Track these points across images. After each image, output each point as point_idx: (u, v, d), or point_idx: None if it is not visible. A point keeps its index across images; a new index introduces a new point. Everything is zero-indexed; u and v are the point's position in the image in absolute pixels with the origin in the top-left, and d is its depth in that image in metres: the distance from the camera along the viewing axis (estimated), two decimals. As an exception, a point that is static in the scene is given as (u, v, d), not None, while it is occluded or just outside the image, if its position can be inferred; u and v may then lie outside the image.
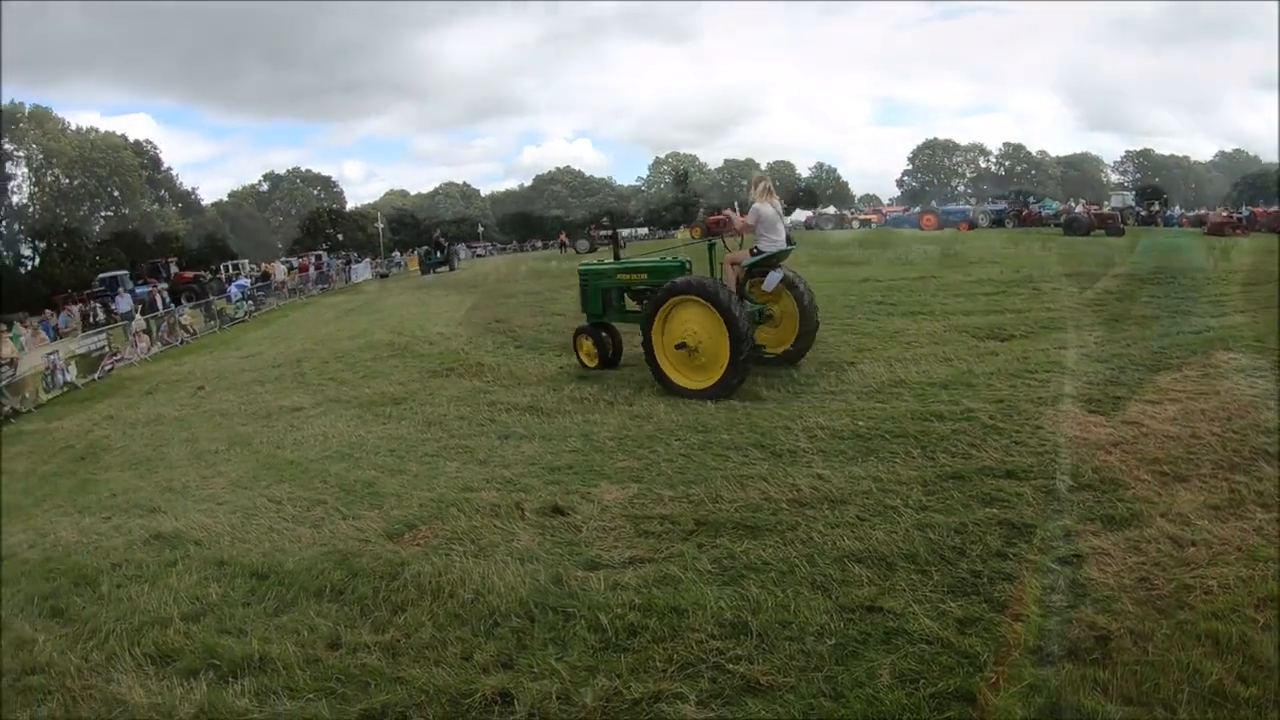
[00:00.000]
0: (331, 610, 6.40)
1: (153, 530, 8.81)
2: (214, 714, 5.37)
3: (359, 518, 8.26)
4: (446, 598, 6.31)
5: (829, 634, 5.34)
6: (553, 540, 7.21)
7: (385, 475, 9.65)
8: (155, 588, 7.28)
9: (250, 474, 10.69)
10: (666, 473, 8.59)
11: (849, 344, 14.57)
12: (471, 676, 5.33)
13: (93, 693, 5.81)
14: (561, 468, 9.11)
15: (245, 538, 8.19)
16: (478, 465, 9.58)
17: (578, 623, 5.75)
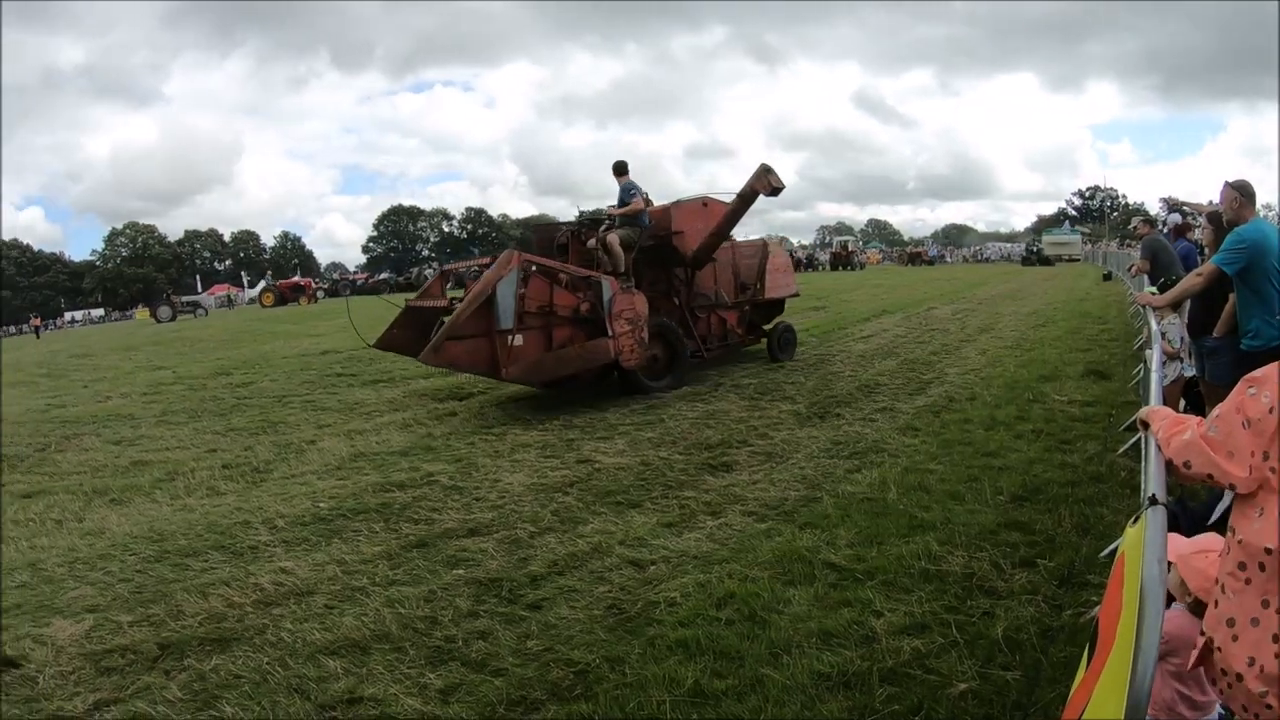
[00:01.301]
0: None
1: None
2: None
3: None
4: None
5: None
6: (8, 699, 6.23)
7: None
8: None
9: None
10: (123, 595, 7.71)
11: (310, 421, 14.16)
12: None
13: None
14: (9, 609, 7.94)
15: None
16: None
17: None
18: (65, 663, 6.56)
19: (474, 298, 12.39)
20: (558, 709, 4.73)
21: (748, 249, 17.41)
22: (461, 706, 4.94)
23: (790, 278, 17.94)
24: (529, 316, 12.80)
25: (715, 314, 16.56)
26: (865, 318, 24.53)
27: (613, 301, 13.18)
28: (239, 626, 6.59)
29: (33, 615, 7.58)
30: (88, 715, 5.75)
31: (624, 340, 13.25)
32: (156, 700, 5.69)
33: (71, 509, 10.71)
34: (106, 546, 9.06)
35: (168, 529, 9.24)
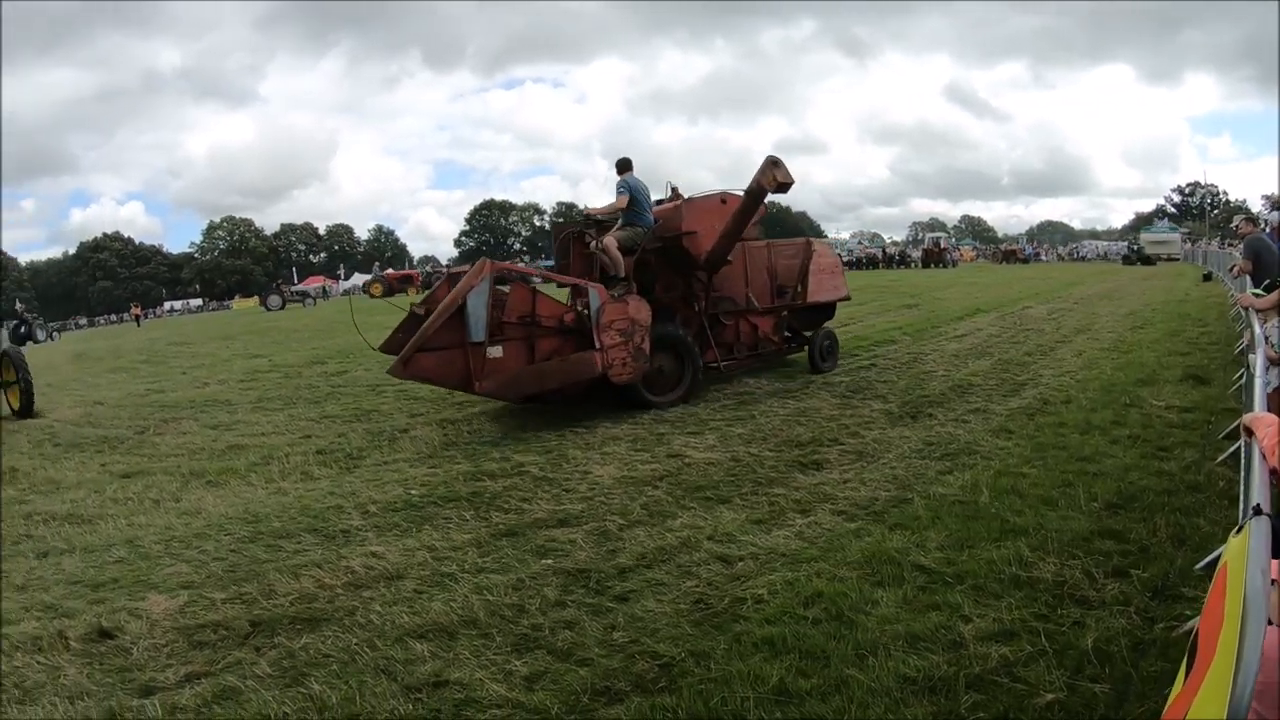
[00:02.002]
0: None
1: None
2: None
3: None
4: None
5: (399, 718, 5.01)
6: (103, 669, 6.39)
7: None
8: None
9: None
10: (217, 573, 7.90)
11: (402, 409, 14.44)
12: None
13: None
14: (106, 583, 8.14)
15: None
16: (14, 592, 8.45)
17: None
18: (159, 636, 6.70)
19: (445, 308, 11.89)
20: (641, 701, 4.73)
21: (787, 248, 16.16)
22: (546, 694, 4.96)
23: (839, 279, 16.51)
24: (510, 327, 12.21)
25: (746, 320, 15.38)
26: (958, 316, 24.15)
27: (601, 311, 12.35)
28: (329, 607, 6.70)
29: (129, 589, 7.75)
30: (179, 687, 5.86)
31: (614, 353, 12.34)
32: (246, 675, 5.78)
33: (169, 489, 10.96)
34: (202, 526, 9.25)
35: (262, 511, 9.42)
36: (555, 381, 12.47)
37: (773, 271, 15.61)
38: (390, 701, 5.18)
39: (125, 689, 5.92)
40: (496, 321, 12.02)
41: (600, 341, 12.23)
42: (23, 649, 6.89)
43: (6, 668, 6.60)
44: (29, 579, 8.60)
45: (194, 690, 5.75)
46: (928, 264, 76.95)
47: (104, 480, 12.11)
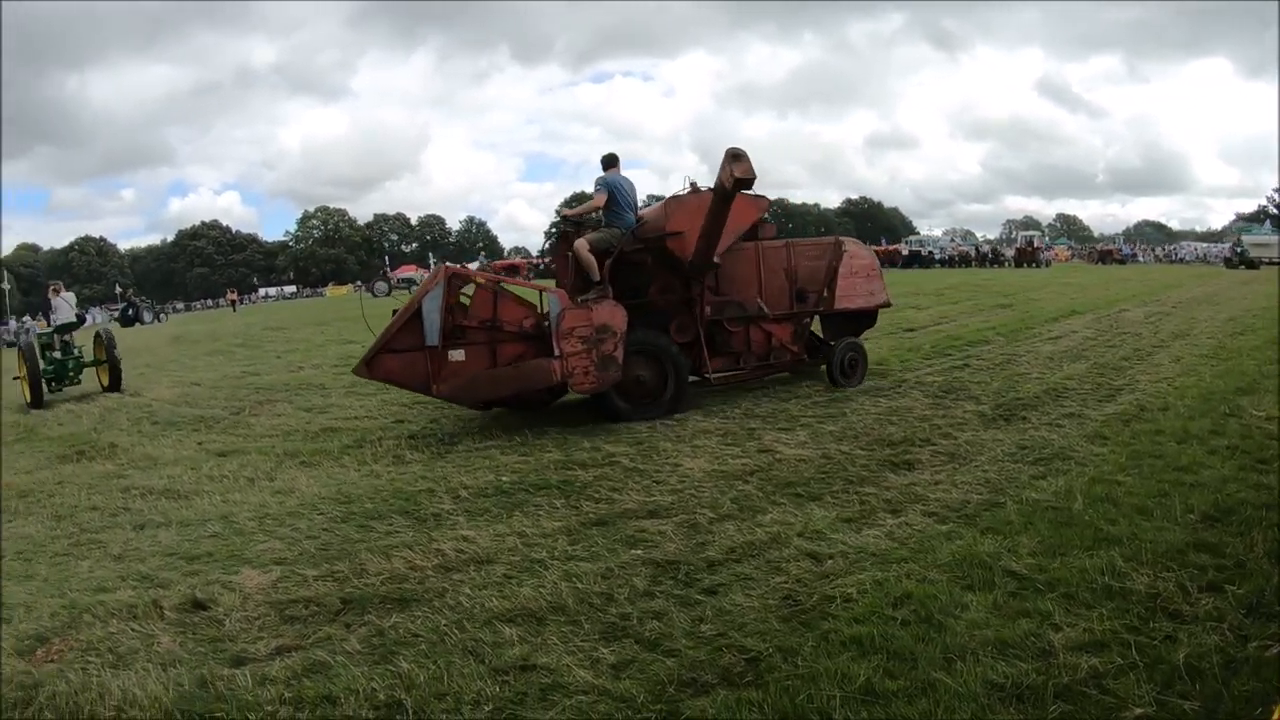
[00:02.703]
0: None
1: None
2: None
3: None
4: (87, 719, 5.70)
5: (486, 699, 5.08)
6: (195, 638, 6.57)
7: (12, 582, 8.60)
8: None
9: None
10: (310, 551, 8.11)
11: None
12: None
13: None
14: (201, 556, 8.38)
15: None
16: (112, 561, 8.71)
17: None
18: (251, 609, 6.87)
19: (404, 311, 11.90)
20: (728, 694, 4.76)
21: (811, 249, 14.72)
22: (632, 683, 5.02)
23: (876, 284, 14.80)
24: (472, 331, 12.12)
25: (758, 327, 14.04)
26: (1053, 318, 23.69)
27: (561, 317, 11.84)
28: (419, 588, 6.83)
29: (223, 563, 7.95)
30: (269, 659, 6.00)
31: (574, 361, 11.83)
32: (336, 651, 5.91)
33: (263, 468, 11.23)
34: (295, 505, 9.46)
35: (354, 492, 9.61)
36: (510, 388, 12.38)
37: (792, 274, 14.33)
38: (477, 683, 5.25)
39: (217, 659, 6.08)
40: (457, 325, 12.03)
41: (559, 349, 11.83)
42: (118, 616, 7.10)
43: (102, 633, 6.80)
44: (126, 549, 8.84)
45: (284, 663, 5.88)
46: (1021, 263, 75.54)
47: (200, 458, 12.41)
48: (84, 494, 11.45)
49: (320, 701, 5.31)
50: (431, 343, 11.76)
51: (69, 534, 9.80)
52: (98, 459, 13.54)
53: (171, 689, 5.70)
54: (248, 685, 5.62)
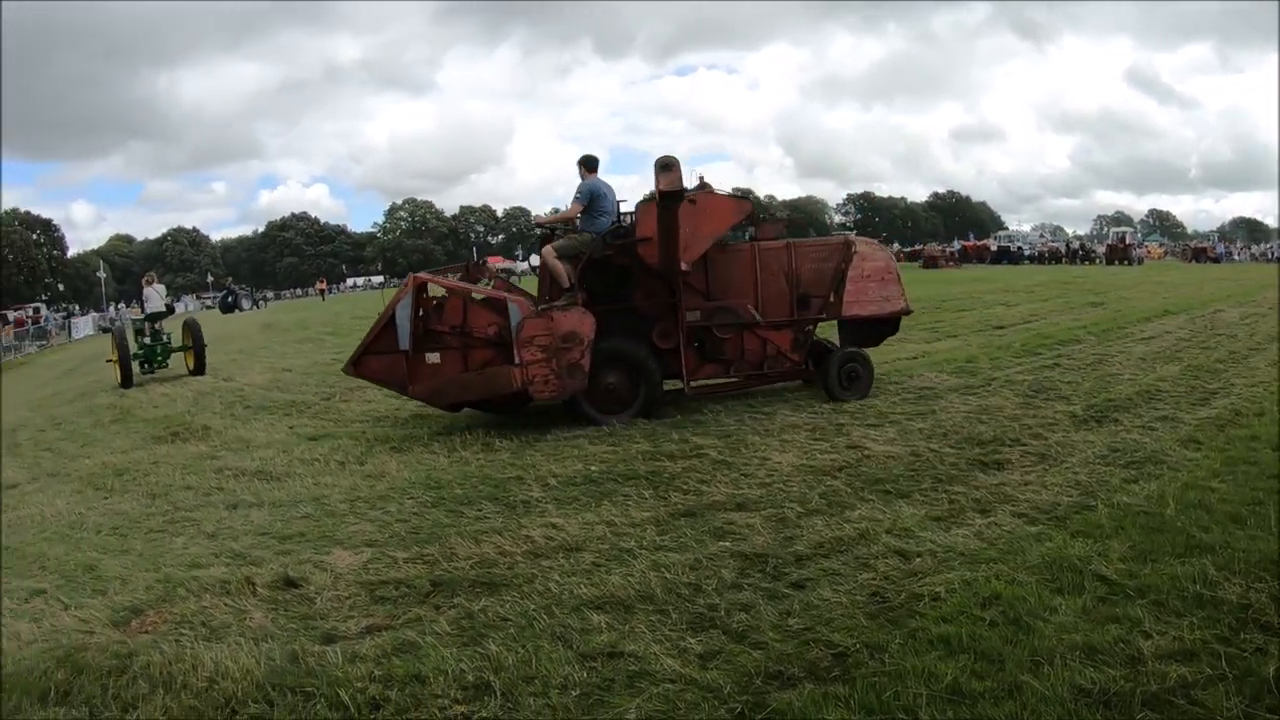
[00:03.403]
0: (58, 715, 5.79)
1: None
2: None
3: (82, 606, 7.48)
4: (179, 688, 5.79)
5: (573, 684, 5.17)
6: (287, 615, 6.77)
7: (108, 556, 8.87)
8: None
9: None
10: (400, 534, 8.30)
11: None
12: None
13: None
14: (293, 536, 8.64)
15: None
16: (205, 539, 8.97)
17: (318, 702, 5.37)
18: (342, 589, 7.04)
19: (381, 317, 12.43)
20: (814, 688, 4.80)
21: (816, 250, 13.74)
22: (719, 673, 5.07)
23: (891, 289, 13.63)
24: (446, 336, 12.51)
25: (753, 335, 13.29)
26: (1146, 317, 23.15)
27: (521, 326, 11.91)
28: (508, 573, 6.94)
29: (315, 543, 8.15)
30: (359, 637, 6.14)
31: (534, 369, 11.85)
32: (426, 632, 6.04)
33: (354, 453, 11.48)
34: (386, 489, 9.67)
35: (444, 478, 9.80)
36: (475, 393, 12.60)
37: (793, 278, 13.39)
38: (565, 668, 5.35)
39: (308, 635, 6.25)
40: (431, 330, 12.42)
41: (519, 357, 11.91)
42: (211, 591, 7.32)
43: (195, 607, 7.02)
44: (219, 527, 9.10)
45: (374, 642, 6.02)
46: (1112, 260, 73.74)
47: (291, 441, 12.71)
48: (178, 474, 11.78)
49: (410, 680, 5.44)
50: (403, 347, 12.22)
51: (163, 511, 10.09)
52: (192, 440, 13.92)
53: (263, 663, 5.87)
54: (338, 662, 5.77)
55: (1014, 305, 24.62)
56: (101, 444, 15.17)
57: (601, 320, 12.13)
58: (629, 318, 12.77)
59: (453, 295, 12.68)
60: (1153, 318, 23.09)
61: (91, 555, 8.89)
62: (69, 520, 10.43)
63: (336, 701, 5.32)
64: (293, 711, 5.32)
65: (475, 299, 12.68)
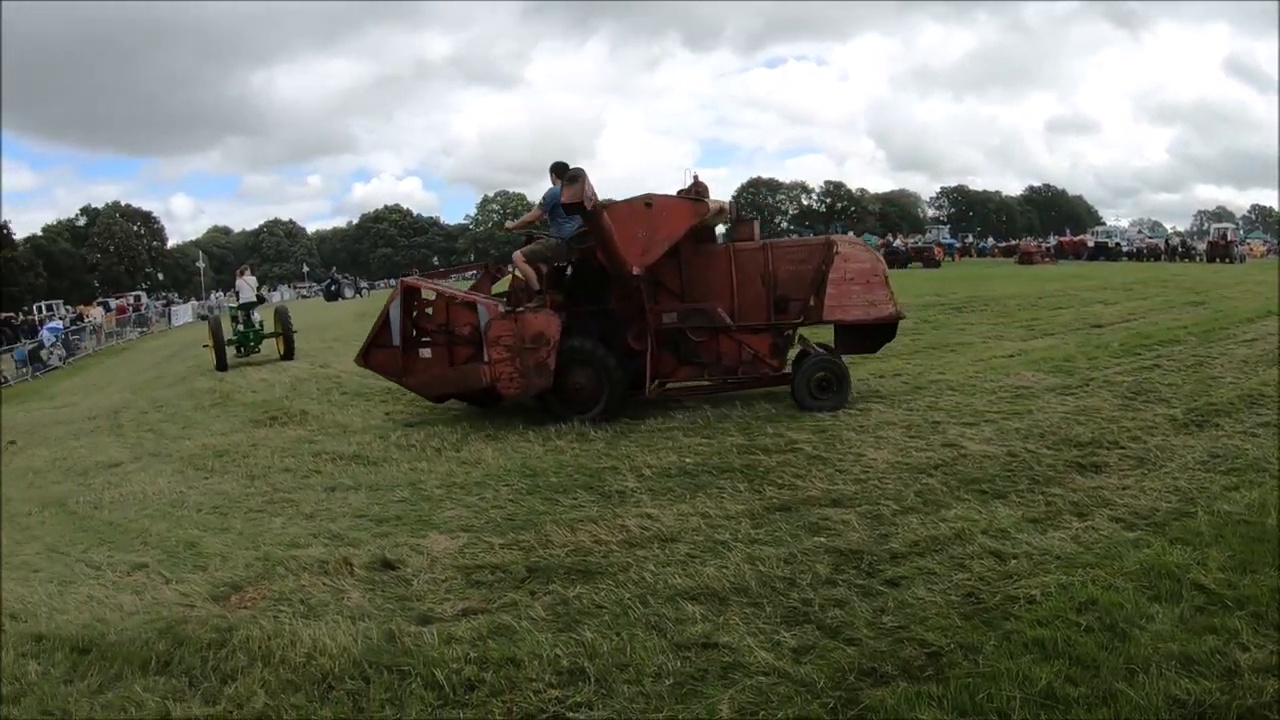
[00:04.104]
0: (159, 684, 6.00)
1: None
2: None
3: (183, 581, 7.82)
4: (278, 663, 6.00)
5: (667, 674, 5.26)
6: (384, 595, 6.98)
7: (209, 534, 9.20)
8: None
9: (66, 538, 10.05)
10: (496, 520, 8.47)
11: (676, 380, 14.51)
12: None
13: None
14: (390, 519, 8.88)
15: (64, 608, 7.63)
16: (304, 520, 9.25)
17: (414, 681, 5.53)
18: (438, 572, 7.22)
19: (381, 315, 13.62)
20: (907, 686, 4.83)
21: (795, 251, 13.31)
22: (813, 668, 5.13)
23: (879, 293, 12.82)
24: (434, 334, 13.48)
25: (729, 338, 13.08)
26: (1248, 318, 22.31)
27: (488, 326, 12.57)
28: (604, 562, 7.07)
29: (411, 527, 8.36)
30: (455, 620, 6.29)
31: (500, 367, 12.45)
32: (521, 616, 6.17)
33: (450, 440, 11.74)
34: (482, 475, 9.87)
35: (540, 466, 9.97)
36: (454, 387, 13.56)
37: (769, 280, 13.00)
38: (659, 656, 5.44)
39: (404, 616, 6.45)
40: (421, 329, 13.63)
41: (488, 355, 12.52)
42: (309, 570, 7.57)
43: (293, 585, 7.28)
44: (317, 509, 9.38)
45: (470, 624, 6.18)
46: (1213, 258, 71.29)
47: (388, 427, 13.04)
48: (277, 456, 12.15)
49: (504, 663, 5.58)
50: (395, 344, 13.39)
51: (262, 492, 10.43)
52: (290, 425, 14.38)
53: (360, 641, 6.08)
54: (434, 643, 5.94)
55: (1112, 304, 24.09)
56: (202, 426, 15.68)
57: (578, 322, 12.88)
58: (603, 320, 13.16)
59: (439, 298, 13.61)
60: (1256, 319, 22.41)
61: (192, 532, 9.24)
62: (170, 498, 10.82)
63: (432, 681, 5.47)
64: (388, 689, 5.49)
65: (455, 301, 13.47)
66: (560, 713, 5.05)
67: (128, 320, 54.71)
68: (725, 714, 4.81)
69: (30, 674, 6.43)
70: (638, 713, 4.95)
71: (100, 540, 9.64)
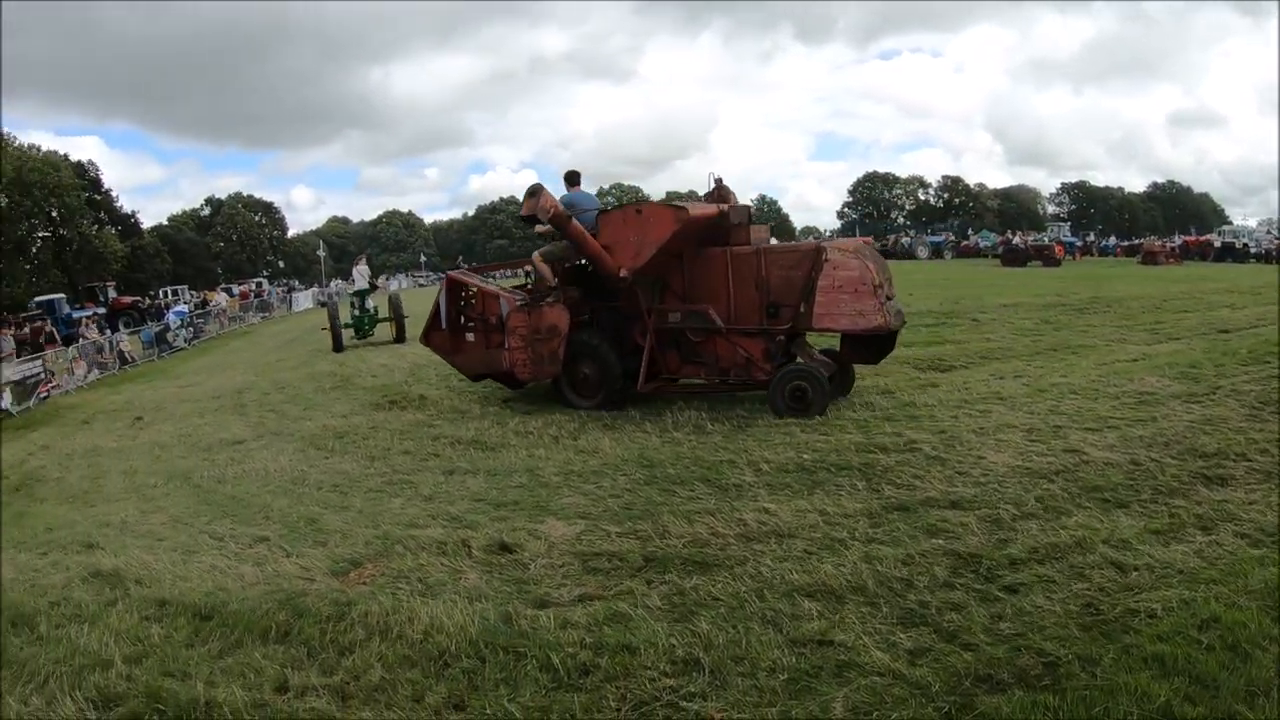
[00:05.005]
0: (278, 652, 6.27)
1: (92, 567, 8.60)
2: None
3: (303, 556, 8.14)
4: (395, 638, 6.20)
5: (781, 669, 5.33)
6: (501, 578, 7.16)
7: (329, 511, 9.55)
8: (95, 628, 7.07)
9: (191, 509, 10.53)
10: (613, 508, 8.62)
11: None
12: (423, 719, 5.27)
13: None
14: (508, 504, 9.08)
15: (187, 576, 8.00)
16: (423, 501, 9.52)
17: (529, 662, 5.67)
18: (555, 557, 7.38)
19: (434, 304, 15.54)
20: (1023, 695, 4.82)
21: (786, 256, 13.14)
22: (928, 670, 5.16)
23: (867, 303, 12.33)
24: (477, 320, 15.04)
25: (725, 340, 13.30)
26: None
27: (508, 318, 14.12)
28: (720, 554, 7.14)
29: (529, 512, 8.55)
30: (572, 605, 6.43)
31: (516, 354, 13.98)
32: (637, 604, 6.29)
33: (567, 428, 12.01)
34: (599, 464, 10.04)
35: (657, 457, 10.09)
36: (485, 368, 15.17)
37: (763, 285, 13.04)
38: (774, 651, 5.52)
39: (521, 598, 6.62)
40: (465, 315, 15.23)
41: (507, 343, 14.10)
42: (428, 550, 7.81)
43: (412, 563, 7.52)
44: (435, 491, 9.66)
45: (586, 610, 6.32)
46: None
47: (506, 414, 13.38)
48: (396, 439, 12.53)
49: (620, 650, 5.70)
50: (443, 327, 15.24)
51: (381, 473, 10.75)
52: (409, 409, 14.86)
53: (477, 621, 6.26)
54: (550, 626, 6.10)
55: (1240, 308, 23.37)
56: (323, 408, 16.22)
57: (589, 318, 14.30)
58: (613, 316, 14.23)
59: (477, 290, 15.18)
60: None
61: (313, 509, 9.61)
62: (292, 476, 11.23)
63: (547, 664, 5.62)
64: (503, 669, 5.64)
65: (487, 294, 15.04)
66: (674, 701, 5.14)
67: (250, 305, 56.64)
68: (839, 712, 4.86)
69: (153, 636, 6.77)
70: (751, 706, 5.02)
71: (223, 513, 10.09)
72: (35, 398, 24.28)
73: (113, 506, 11.36)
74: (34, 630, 7.32)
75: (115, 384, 27.47)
